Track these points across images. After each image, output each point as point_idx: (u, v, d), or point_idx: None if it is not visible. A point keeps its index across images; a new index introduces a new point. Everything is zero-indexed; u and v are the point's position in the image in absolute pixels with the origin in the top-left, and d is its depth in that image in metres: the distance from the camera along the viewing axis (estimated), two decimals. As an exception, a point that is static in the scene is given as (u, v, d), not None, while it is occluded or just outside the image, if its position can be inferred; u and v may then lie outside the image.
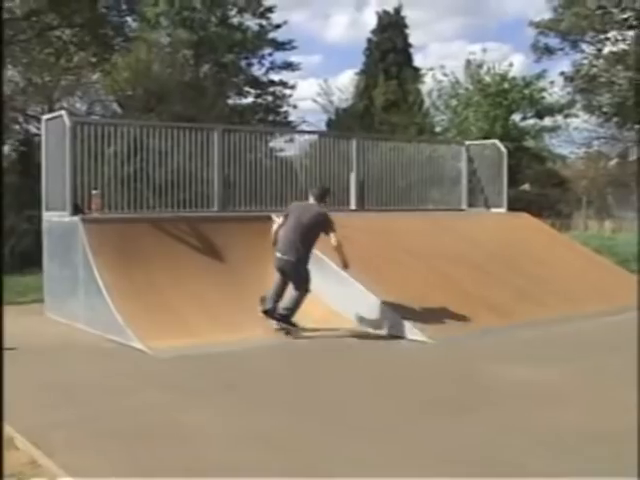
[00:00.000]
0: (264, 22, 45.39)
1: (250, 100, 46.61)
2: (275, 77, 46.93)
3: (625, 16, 32.69)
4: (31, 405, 7.24)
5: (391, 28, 49.00)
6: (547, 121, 37.69)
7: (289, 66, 47.11)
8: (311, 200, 11.36)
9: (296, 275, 10.98)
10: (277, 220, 11.63)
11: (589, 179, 48.82)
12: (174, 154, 13.59)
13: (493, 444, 6.23)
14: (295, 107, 47.83)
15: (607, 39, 34.08)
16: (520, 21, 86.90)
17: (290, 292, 11.07)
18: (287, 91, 47.17)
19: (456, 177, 17.63)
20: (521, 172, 37.05)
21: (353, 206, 15.52)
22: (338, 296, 11.71)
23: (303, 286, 10.99)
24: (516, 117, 37.13)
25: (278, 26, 45.70)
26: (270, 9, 45.09)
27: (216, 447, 6.09)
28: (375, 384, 8.38)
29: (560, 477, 5.42)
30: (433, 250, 13.47)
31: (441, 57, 79.70)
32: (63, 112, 12.77)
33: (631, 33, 33.37)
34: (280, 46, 46.29)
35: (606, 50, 34.33)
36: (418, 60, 55.45)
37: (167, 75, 35.15)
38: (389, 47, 48.25)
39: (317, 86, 59.68)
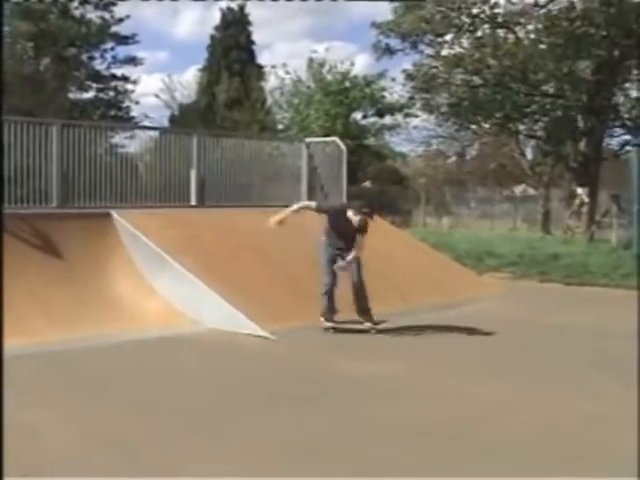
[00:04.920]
0: (107, 15, 44.69)
1: (91, 95, 45.86)
2: (118, 72, 46.36)
3: (464, 21, 33.63)
4: None
5: (235, 25, 49.03)
6: (387, 120, 38.66)
7: (132, 61, 46.49)
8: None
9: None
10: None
11: (428, 177, 50.15)
12: (11, 149, 13.28)
13: (334, 436, 6.44)
14: (137, 103, 47.47)
15: (445, 42, 34.95)
16: (367, 22, 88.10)
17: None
18: (129, 86, 46.64)
19: (297, 174, 17.83)
20: (362, 169, 37.83)
21: (193, 202, 15.55)
22: (180, 294, 11.74)
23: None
24: (357, 115, 37.91)
25: (121, 20, 45.04)
26: (112, 2, 44.37)
27: (53, 447, 6.07)
28: (216, 380, 8.49)
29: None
30: (273, 247, 13.59)
31: (288, 56, 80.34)
32: None
33: (467, 37, 34.39)
34: (123, 40, 45.64)
35: (444, 52, 35.22)
36: (265, 58, 56.01)
37: (5, 67, 34.26)
38: (232, 44, 48.23)
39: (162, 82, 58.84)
